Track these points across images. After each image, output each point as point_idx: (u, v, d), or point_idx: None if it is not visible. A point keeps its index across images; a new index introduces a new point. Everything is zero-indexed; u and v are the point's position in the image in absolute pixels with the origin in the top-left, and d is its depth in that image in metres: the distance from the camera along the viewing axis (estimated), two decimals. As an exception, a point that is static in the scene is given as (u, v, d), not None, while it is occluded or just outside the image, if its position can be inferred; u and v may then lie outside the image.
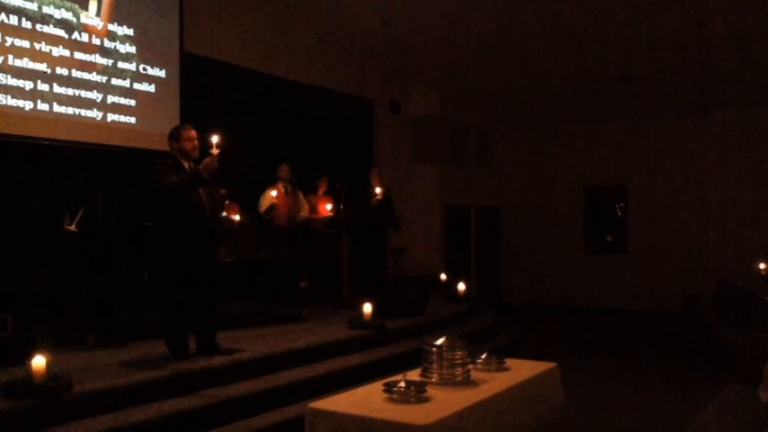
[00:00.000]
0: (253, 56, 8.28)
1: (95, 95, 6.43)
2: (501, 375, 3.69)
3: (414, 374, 3.50)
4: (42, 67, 6.01)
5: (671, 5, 7.70)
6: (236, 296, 7.32)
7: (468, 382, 3.47)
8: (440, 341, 3.54)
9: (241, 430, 4.03)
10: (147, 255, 5.51)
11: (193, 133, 4.72)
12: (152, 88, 6.94)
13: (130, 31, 6.76)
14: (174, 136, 4.72)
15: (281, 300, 7.09)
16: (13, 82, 5.79)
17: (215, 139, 4.43)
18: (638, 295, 12.66)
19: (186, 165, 4.67)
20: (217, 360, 4.60)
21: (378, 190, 8.02)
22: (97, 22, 6.49)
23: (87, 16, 6.41)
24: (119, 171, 6.87)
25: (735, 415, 3.45)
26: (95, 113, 6.43)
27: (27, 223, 6.13)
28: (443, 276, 9.26)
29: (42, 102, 6.01)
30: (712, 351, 7.92)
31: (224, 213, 6.00)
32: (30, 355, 3.67)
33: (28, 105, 5.90)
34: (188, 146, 4.68)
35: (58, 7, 6.16)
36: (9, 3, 5.78)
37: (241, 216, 6.64)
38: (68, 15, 6.25)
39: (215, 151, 4.44)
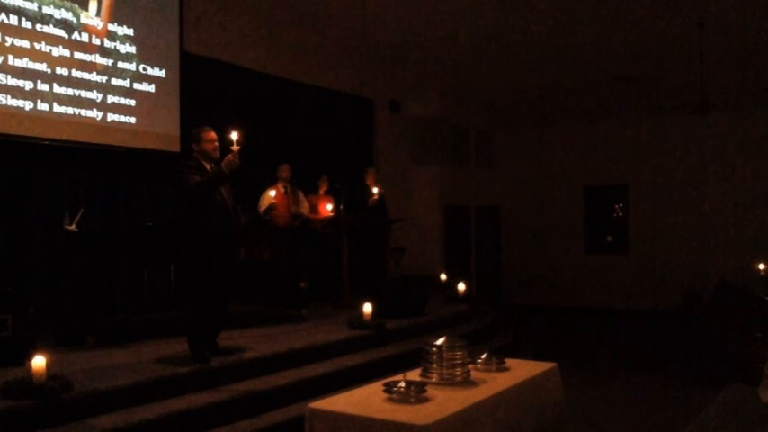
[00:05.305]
0: (253, 56, 8.28)
1: (95, 95, 6.43)
2: (501, 375, 3.69)
3: (414, 374, 3.50)
4: (42, 67, 6.01)
5: (671, 5, 7.70)
6: (236, 296, 7.32)
7: (468, 382, 3.47)
8: (440, 341, 3.54)
9: (241, 430, 4.03)
10: (147, 254, 5.52)
11: (213, 135, 4.74)
12: (152, 88, 6.95)
13: (130, 31, 6.76)
14: (195, 138, 4.74)
15: (281, 300, 7.09)
16: (13, 82, 5.79)
17: (234, 135, 4.45)
18: (638, 295, 12.65)
19: (208, 166, 4.68)
20: (216, 360, 4.60)
21: (375, 189, 8.03)
22: (97, 22, 6.49)
23: (87, 16, 6.41)
24: (119, 171, 6.87)
25: (735, 415, 3.45)
26: (95, 113, 6.43)
27: (27, 223, 6.13)
28: (443, 276, 9.26)
29: (42, 102, 6.01)
30: (712, 351, 7.92)
31: None
32: (30, 355, 3.67)
33: (28, 105, 5.90)
34: (209, 147, 4.70)
35: (57, 7, 6.16)
36: (9, 3, 5.79)
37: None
38: (68, 15, 6.25)
39: (235, 148, 4.45)
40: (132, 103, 6.75)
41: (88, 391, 3.77)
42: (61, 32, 6.18)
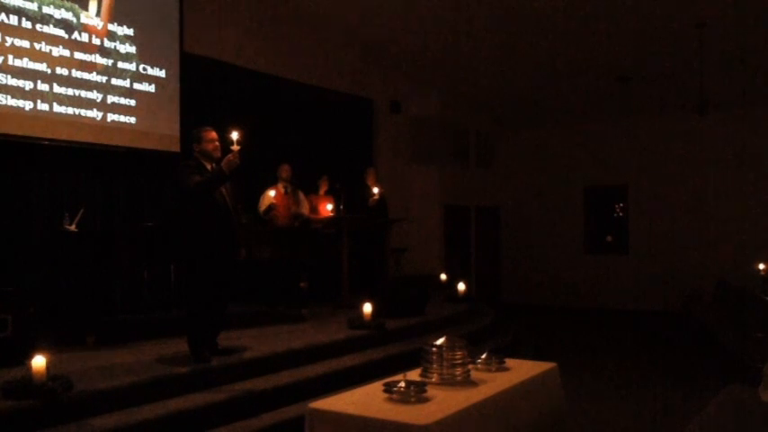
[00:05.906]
0: (253, 56, 8.28)
1: (95, 95, 6.43)
2: (501, 375, 3.69)
3: (414, 374, 3.50)
4: (42, 67, 6.01)
5: (671, 5, 7.71)
6: (236, 296, 7.32)
7: (468, 382, 3.47)
8: (440, 341, 3.54)
9: (241, 430, 4.03)
10: (147, 254, 5.52)
11: (214, 134, 4.77)
12: (152, 88, 6.94)
13: (130, 31, 6.76)
14: (196, 138, 4.76)
15: (281, 300, 7.09)
16: (13, 82, 5.79)
17: (235, 135, 4.47)
18: (638, 295, 12.65)
19: (209, 166, 4.70)
20: (216, 360, 4.60)
21: (375, 189, 8.03)
22: (97, 22, 6.49)
23: (87, 16, 6.41)
24: (119, 171, 6.87)
25: (735, 415, 3.45)
26: (95, 113, 6.43)
27: (27, 223, 6.13)
28: (443, 276, 9.26)
29: (42, 102, 6.01)
30: (712, 351, 7.92)
31: None
32: (30, 355, 3.67)
33: (28, 105, 5.90)
34: (210, 147, 4.72)
35: (58, 7, 6.16)
36: (9, 3, 5.79)
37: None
38: (68, 15, 6.25)
39: (236, 147, 4.47)
40: (132, 103, 6.75)
41: (88, 391, 3.77)
42: (61, 32, 6.18)
